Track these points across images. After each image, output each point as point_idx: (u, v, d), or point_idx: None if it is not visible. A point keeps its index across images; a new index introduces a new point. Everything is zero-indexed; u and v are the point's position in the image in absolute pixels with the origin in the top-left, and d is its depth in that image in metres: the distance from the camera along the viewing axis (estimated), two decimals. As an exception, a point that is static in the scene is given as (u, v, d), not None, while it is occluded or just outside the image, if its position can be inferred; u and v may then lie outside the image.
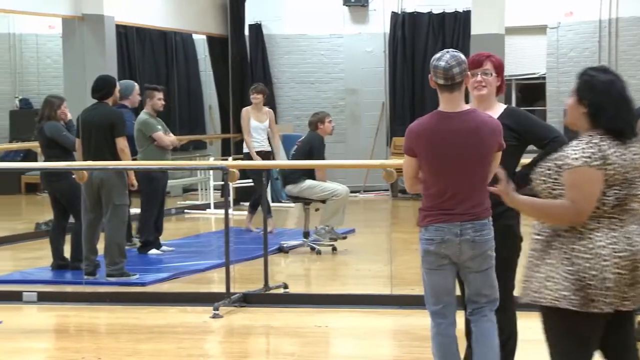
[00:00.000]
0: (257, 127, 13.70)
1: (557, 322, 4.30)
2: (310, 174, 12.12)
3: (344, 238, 12.37)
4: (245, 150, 13.86)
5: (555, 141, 5.41)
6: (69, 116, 10.82)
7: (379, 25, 19.48)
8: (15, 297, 9.39)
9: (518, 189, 4.42)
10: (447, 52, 5.25)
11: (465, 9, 18.38)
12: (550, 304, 4.25)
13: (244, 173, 14.16)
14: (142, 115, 11.87)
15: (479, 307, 5.39)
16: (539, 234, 4.37)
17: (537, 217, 4.37)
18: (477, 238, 5.25)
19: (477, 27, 15.60)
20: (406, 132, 5.29)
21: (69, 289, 9.92)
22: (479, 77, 5.56)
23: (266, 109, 13.95)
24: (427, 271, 5.32)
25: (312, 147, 12.24)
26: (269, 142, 13.83)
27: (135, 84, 12.61)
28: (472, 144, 5.21)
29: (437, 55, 5.27)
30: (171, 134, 12.04)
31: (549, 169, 4.31)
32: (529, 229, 4.52)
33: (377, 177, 17.52)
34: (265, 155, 13.70)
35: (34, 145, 14.87)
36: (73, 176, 10.13)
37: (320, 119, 12.53)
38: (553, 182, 4.29)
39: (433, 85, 5.27)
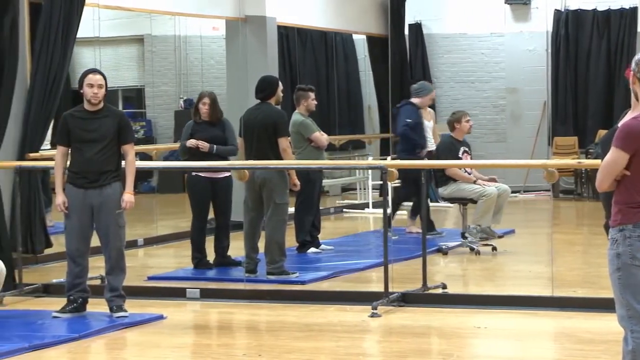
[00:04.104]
0: (426, 126, 13.60)
1: None
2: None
3: (501, 237, 12.21)
4: None
5: None
6: (203, 115, 10.82)
7: (541, 23, 19.17)
8: (179, 294, 9.64)
9: None
10: None
11: (632, 6, 17.94)
12: None
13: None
14: (298, 117, 11.93)
15: None
16: None
17: None
18: None
19: (645, 25, 15.22)
20: (625, 129, 5.17)
21: (230, 286, 10.09)
22: None
23: (429, 109, 13.88)
24: None
25: (439, 154, 12.19)
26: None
27: (432, 88, 12.78)
28: None
29: None
30: (324, 134, 12.09)
31: None
32: None
33: (538, 177, 17.33)
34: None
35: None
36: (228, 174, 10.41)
37: (456, 119, 12.40)
38: None
39: (636, 83, 5.18)
